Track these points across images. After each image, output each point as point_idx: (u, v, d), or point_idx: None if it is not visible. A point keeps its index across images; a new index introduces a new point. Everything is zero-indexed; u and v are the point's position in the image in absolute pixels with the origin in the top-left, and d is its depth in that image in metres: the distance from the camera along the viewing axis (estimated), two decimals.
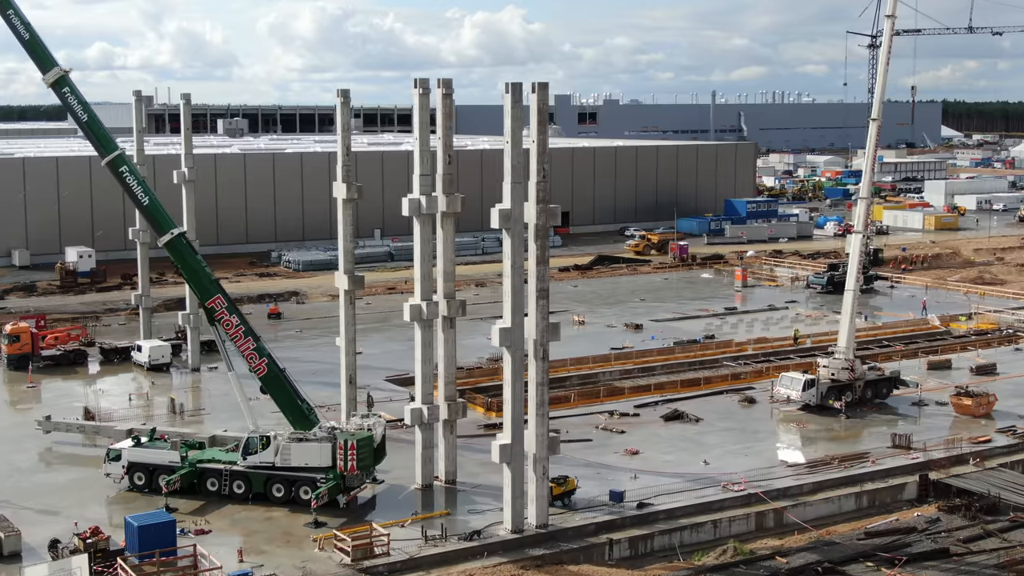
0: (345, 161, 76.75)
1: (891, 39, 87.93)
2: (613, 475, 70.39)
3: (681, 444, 77.32)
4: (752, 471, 70.93)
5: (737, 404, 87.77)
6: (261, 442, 65.63)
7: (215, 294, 67.11)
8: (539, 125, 59.13)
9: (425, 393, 68.48)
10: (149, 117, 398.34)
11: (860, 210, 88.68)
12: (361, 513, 65.14)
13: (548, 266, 60.53)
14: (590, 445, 77.07)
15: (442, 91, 66.65)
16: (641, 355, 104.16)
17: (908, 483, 70.95)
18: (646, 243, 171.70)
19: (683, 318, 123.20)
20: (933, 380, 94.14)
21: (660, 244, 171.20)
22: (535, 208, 59.58)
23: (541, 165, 59.56)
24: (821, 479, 69.93)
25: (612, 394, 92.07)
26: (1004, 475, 72.05)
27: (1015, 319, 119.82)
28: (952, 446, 74.82)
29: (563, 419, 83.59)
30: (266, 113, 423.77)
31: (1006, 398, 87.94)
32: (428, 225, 68.51)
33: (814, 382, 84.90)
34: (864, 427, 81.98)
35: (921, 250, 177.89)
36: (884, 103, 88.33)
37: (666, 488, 67.58)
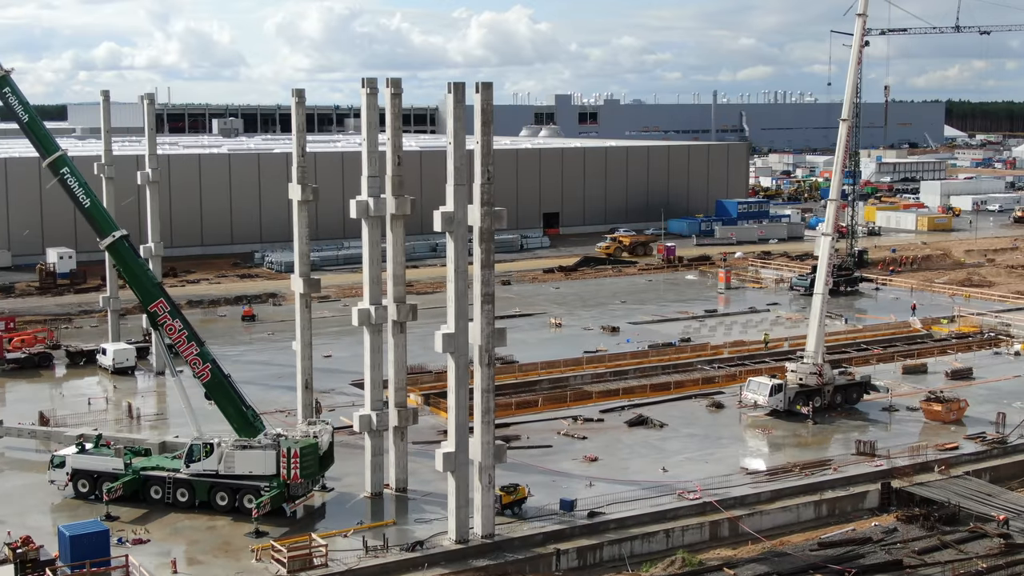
0: (300, 163, 75.57)
1: (862, 39, 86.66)
2: (568, 483, 69.03)
3: (642, 450, 75.90)
4: (711, 479, 69.52)
5: (705, 409, 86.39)
6: (204, 449, 64.35)
7: (157, 298, 65.85)
8: (483, 126, 57.95)
9: (374, 399, 67.11)
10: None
11: (829, 212, 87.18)
12: (307, 522, 63.84)
13: (493, 270, 59.14)
14: (549, 451, 75.71)
15: (391, 91, 65.45)
16: (613, 359, 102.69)
17: (870, 491, 69.50)
18: (617, 245, 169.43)
19: (662, 321, 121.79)
20: (907, 385, 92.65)
21: (632, 246, 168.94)
22: (479, 211, 58.18)
23: (486, 167, 58.26)
24: (780, 487, 68.47)
25: (580, 398, 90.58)
26: (969, 483, 70.58)
27: (998, 322, 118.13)
28: (917, 453, 73.33)
29: (526, 424, 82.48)
30: (265, 113, 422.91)
31: (979, 403, 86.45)
32: (377, 228, 67.25)
33: (781, 387, 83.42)
34: (832, 433, 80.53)
35: (911, 251, 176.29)
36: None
37: (620, 496, 66.20)
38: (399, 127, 65.59)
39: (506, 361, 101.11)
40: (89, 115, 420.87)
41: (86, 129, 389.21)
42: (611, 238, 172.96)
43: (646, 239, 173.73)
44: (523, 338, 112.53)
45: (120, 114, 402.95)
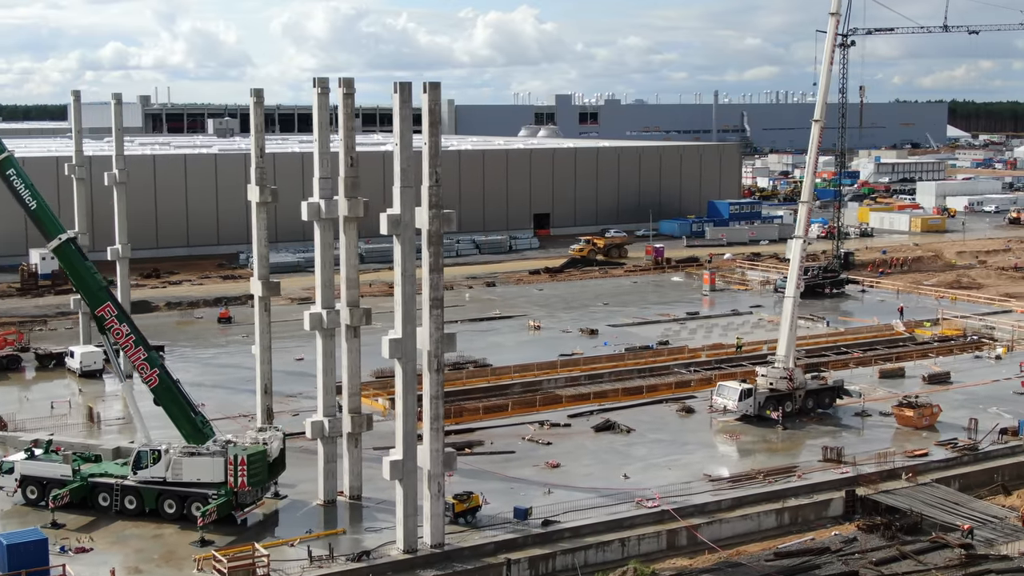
0: (259, 163, 74.36)
1: (834, 38, 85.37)
2: (527, 490, 67.82)
3: (605, 456, 74.63)
4: (672, 486, 68.26)
5: (675, 414, 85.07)
6: (152, 456, 63.15)
7: (105, 301, 64.68)
8: (430, 127, 56.74)
9: (327, 405, 65.95)
10: (146, 117, 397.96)
11: (800, 215, 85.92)
12: (257, 531, 62.63)
13: (442, 274, 57.91)
14: (512, 457, 74.49)
15: (343, 91, 64.25)
16: (588, 362, 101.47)
17: (834, 499, 68.12)
18: (591, 248, 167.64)
19: (642, 323, 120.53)
20: (883, 389, 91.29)
21: (606, 248, 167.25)
22: (427, 213, 56.97)
23: (434, 169, 57.08)
24: (741, 495, 67.15)
25: (550, 403, 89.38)
26: (937, 491, 69.26)
27: (982, 325, 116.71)
28: (884, 460, 71.94)
29: (492, 429, 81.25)
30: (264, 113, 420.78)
31: (955, 408, 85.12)
32: (329, 230, 66.10)
33: (751, 392, 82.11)
34: (801, 439, 79.19)
35: (902, 253, 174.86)
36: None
37: (577, 504, 64.89)
38: (352, 128, 64.27)
39: (479, 364, 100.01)
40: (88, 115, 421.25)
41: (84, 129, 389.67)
42: (585, 240, 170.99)
43: (620, 241, 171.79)
44: (500, 341, 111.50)
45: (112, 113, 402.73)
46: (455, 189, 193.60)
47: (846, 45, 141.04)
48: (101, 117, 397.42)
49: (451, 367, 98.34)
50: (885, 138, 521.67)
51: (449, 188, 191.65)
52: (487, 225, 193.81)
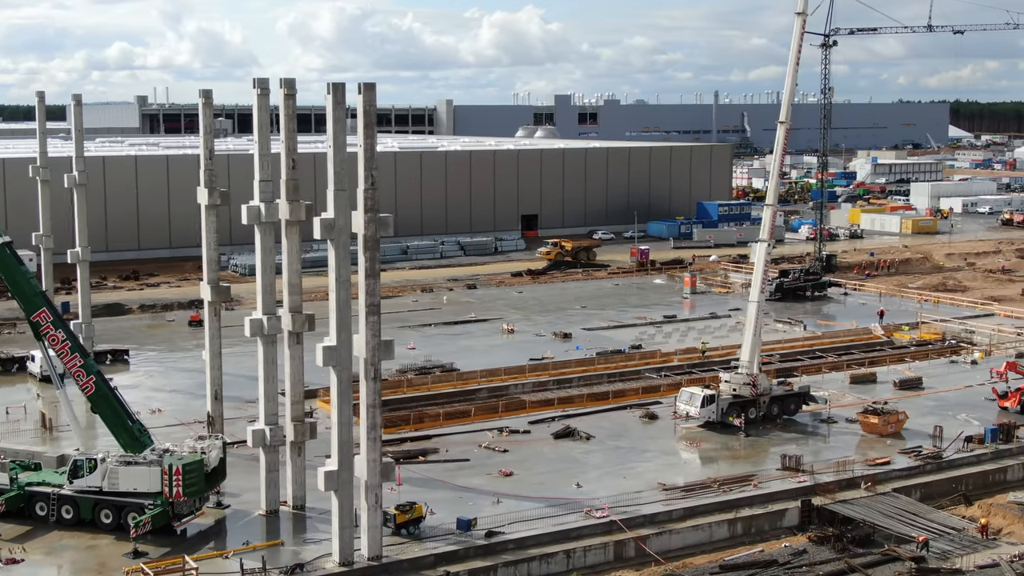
0: (207, 165, 73.23)
1: (800, 38, 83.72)
2: (476, 499, 66.44)
3: (561, 464, 73.19)
4: (625, 495, 66.82)
5: (638, 420, 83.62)
6: (88, 465, 61.83)
7: (40, 307, 63.38)
8: (365, 128, 55.29)
9: (268, 413, 64.59)
10: (143, 117, 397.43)
11: (766, 218, 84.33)
12: (196, 542, 61.31)
13: (378, 279, 56.55)
14: (466, 466, 73.09)
15: (284, 91, 62.96)
16: (557, 366, 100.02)
17: (789, 509, 66.62)
18: (559, 251, 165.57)
19: (618, 326, 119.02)
20: (852, 395, 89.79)
21: (574, 251, 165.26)
22: (363, 217, 55.60)
23: (369, 171, 55.72)
24: (693, 504, 65.69)
25: (514, 408, 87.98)
26: (896, 501, 67.80)
27: (962, 329, 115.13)
28: (843, 469, 70.42)
29: (450, 436, 79.82)
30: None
31: (924, 415, 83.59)
32: (269, 234, 64.76)
33: (713, 398, 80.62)
34: (764, 446, 77.72)
35: (891, 255, 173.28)
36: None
37: (524, 514, 63.47)
38: (293, 130, 63.01)
39: (447, 368, 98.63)
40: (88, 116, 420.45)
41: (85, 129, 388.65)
42: (552, 243, 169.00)
43: (589, 244, 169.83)
44: (472, 344, 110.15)
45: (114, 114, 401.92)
46: (442, 191, 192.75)
47: (828, 45, 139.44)
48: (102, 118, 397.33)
49: (417, 371, 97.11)
50: (886, 138, 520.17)
51: (435, 190, 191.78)
52: (474, 226, 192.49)
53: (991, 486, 72.92)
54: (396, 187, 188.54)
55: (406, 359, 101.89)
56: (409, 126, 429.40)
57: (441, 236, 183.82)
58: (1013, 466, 74.43)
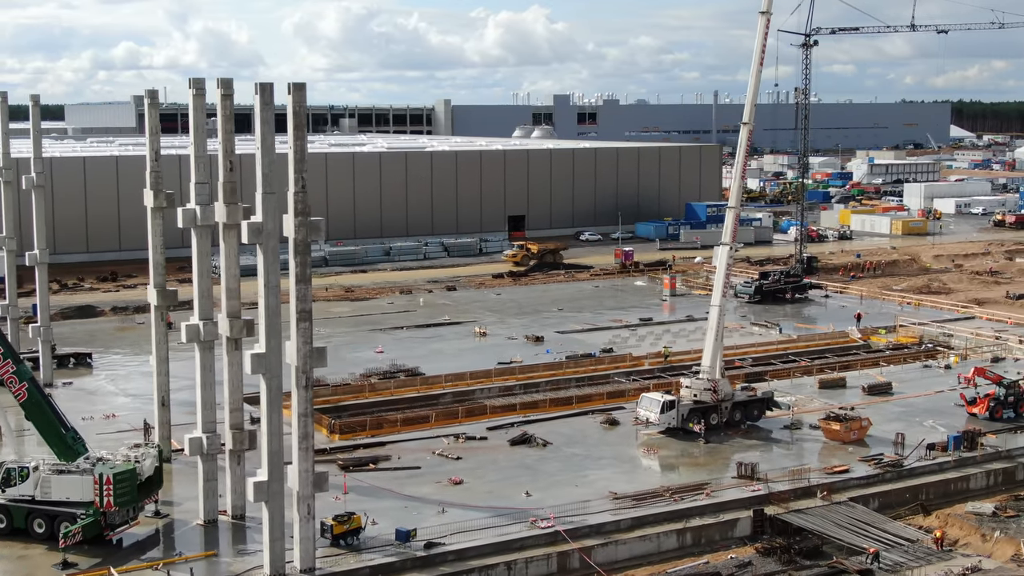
0: (154, 167, 71.96)
1: (764, 38, 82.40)
2: (420, 509, 64.98)
3: (513, 472, 71.72)
4: (574, 504, 65.32)
5: (599, 426, 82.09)
6: (20, 473, 60.49)
7: None
8: (295, 130, 53.86)
9: (206, 421, 63.22)
10: (139, 117, 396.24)
11: (728, 221, 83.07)
12: (130, 552, 59.86)
13: (310, 285, 55.11)
14: (416, 474, 71.59)
15: (221, 91, 61.52)
16: (524, 371, 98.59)
17: (741, 519, 65.11)
18: (524, 253, 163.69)
19: (592, 329, 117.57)
20: (820, 400, 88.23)
21: (540, 254, 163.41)
22: (293, 221, 54.16)
23: (299, 174, 54.26)
24: (642, 514, 64.18)
25: (474, 414, 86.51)
26: (852, 511, 66.27)
27: (940, 332, 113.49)
28: (798, 477, 68.87)
29: (406, 443, 78.38)
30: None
31: (890, 421, 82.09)
32: (206, 238, 63.36)
33: (674, 404, 79.12)
34: (723, 453, 76.12)
35: (878, 256, 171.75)
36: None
37: (468, 524, 62.06)
38: (230, 130, 61.55)
39: (412, 373, 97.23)
40: (85, 115, 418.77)
41: (77, 130, 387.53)
42: (518, 246, 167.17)
43: (555, 247, 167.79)
44: (441, 348, 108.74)
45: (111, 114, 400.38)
46: (427, 192, 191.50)
47: (808, 45, 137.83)
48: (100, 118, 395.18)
49: (381, 376, 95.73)
50: (887, 138, 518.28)
51: (421, 190, 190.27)
52: (460, 227, 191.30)
53: (953, 495, 71.37)
54: (381, 188, 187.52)
55: (372, 363, 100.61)
56: (407, 126, 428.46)
57: (426, 237, 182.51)
58: (976, 474, 72.89)
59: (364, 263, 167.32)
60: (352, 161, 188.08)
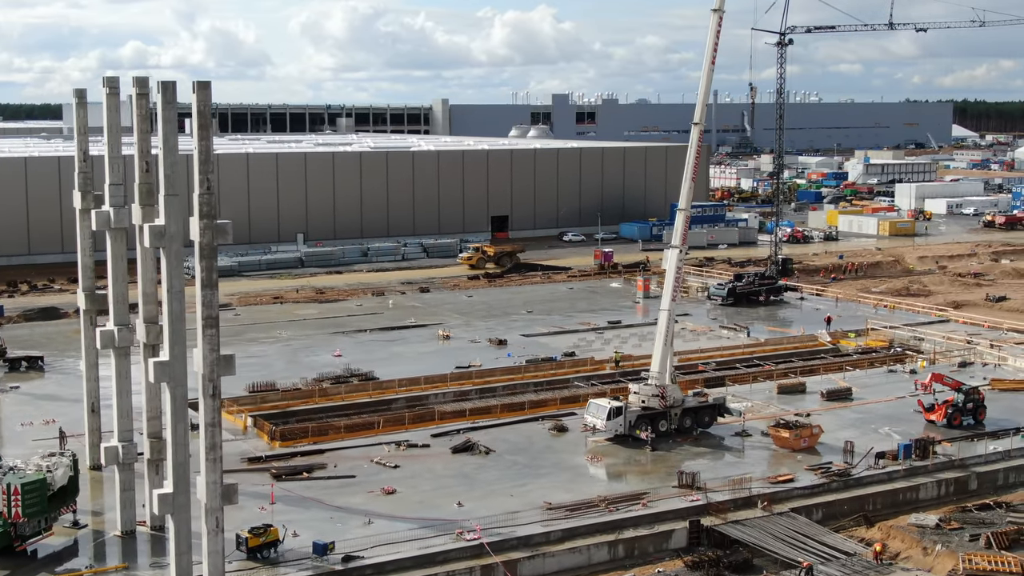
0: (82, 168, 70.12)
1: (716, 36, 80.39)
2: (348, 520, 63.24)
3: (450, 481, 69.86)
4: (503, 515, 63.42)
5: (547, 433, 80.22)
6: None
7: None
8: (200, 130, 51.96)
9: (123, 429, 61.46)
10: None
11: (678, 223, 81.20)
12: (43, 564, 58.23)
13: (216, 290, 53.13)
14: (350, 483, 69.78)
15: (136, 91, 59.71)
16: (483, 375, 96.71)
17: (677, 530, 63.20)
18: (480, 256, 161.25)
19: (559, 332, 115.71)
20: (777, 406, 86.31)
21: (497, 256, 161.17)
22: (199, 224, 52.27)
23: (205, 175, 52.27)
24: (574, 525, 62.32)
25: (423, 420, 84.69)
26: (792, 522, 64.39)
27: (911, 336, 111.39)
28: (740, 486, 66.94)
29: (346, 450, 76.62)
30: (256, 113, 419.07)
31: (845, 428, 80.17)
32: (121, 241, 61.51)
33: (621, 410, 77.19)
34: (669, 461, 74.13)
35: (862, 257, 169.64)
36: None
37: (392, 536, 60.24)
38: (146, 130, 59.69)
39: (365, 377, 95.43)
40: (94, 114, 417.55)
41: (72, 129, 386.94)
42: (474, 248, 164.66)
43: (512, 249, 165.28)
44: (402, 351, 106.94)
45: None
46: (408, 192, 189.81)
47: (783, 44, 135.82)
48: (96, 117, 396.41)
49: (333, 380, 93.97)
50: (889, 138, 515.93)
51: (402, 191, 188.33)
52: (442, 228, 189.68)
53: (902, 505, 69.43)
54: (362, 188, 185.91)
55: (329, 367, 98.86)
56: (405, 126, 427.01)
57: (406, 238, 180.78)
58: (927, 484, 70.92)
59: (340, 264, 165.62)
60: (332, 161, 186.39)
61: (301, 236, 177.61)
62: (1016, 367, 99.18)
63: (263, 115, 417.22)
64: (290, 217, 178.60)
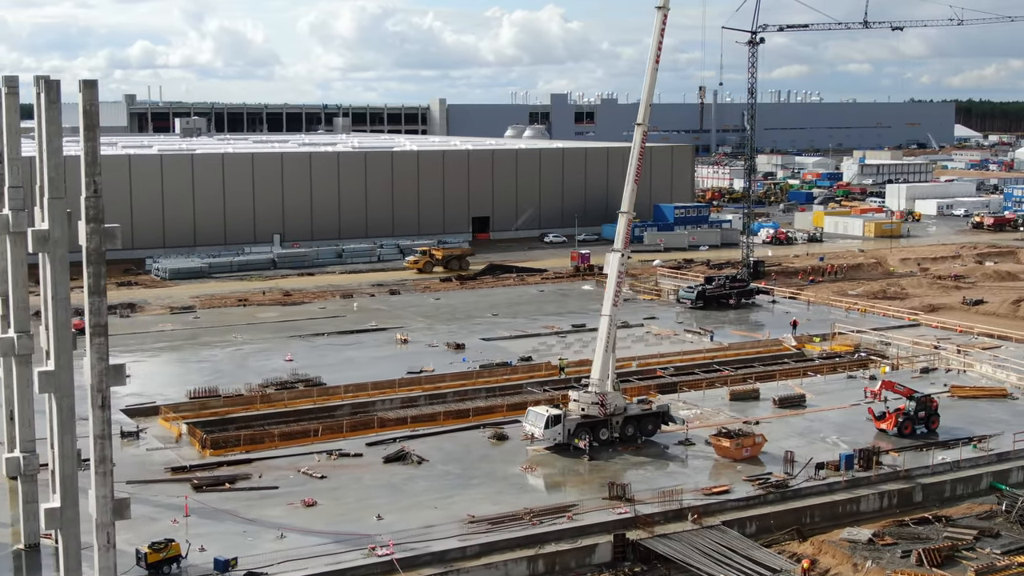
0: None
1: (661, 34, 78.11)
2: (261, 534, 61.14)
3: (375, 493, 67.75)
4: (424, 528, 61.35)
5: (487, 441, 78.10)
6: None
7: None
8: (87, 131, 49.93)
9: (24, 439, 59.46)
10: (132, 116, 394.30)
11: (620, 226, 79.00)
12: None
13: (105, 297, 51.16)
14: (272, 494, 67.66)
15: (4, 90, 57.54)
16: (433, 380, 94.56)
17: (601, 544, 61.01)
18: (428, 259, 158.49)
19: (520, 336, 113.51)
20: (727, 413, 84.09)
21: (445, 260, 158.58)
22: (86, 229, 50.27)
23: (91, 178, 50.29)
24: (494, 539, 60.16)
25: (362, 427, 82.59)
26: (722, 536, 62.17)
27: (878, 340, 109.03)
28: (670, 498, 64.73)
29: (274, 460, 74.48)
30: (252, 113, 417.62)
31: (792, 436, 77.99)
32: (21, 245, 59.42)
33: (559, 418, 75.02)
34: (607, 471, 71.79)
35: (843, 259, 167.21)
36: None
37: (304, 552, 58.14)
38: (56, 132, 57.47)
39: (311, 383, 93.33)
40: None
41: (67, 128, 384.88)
42: (421, 251, 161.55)
43: (461, 252, 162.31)
44: (355, 356, 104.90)
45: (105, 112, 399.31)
46: (388, 192, 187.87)
47: (755, 43, 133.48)
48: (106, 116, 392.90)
49: (278, 386, 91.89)
50: (891, 138, 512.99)
51: (381, 191, 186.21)
52: (422, 229, 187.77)
53: (841, 518, 67.16)
54: (339, 188, 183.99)
55: (277, 372, 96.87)
56: (402, 125, 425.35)
57: (384, 239, 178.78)
58: (868, 496, 68.64)
59: (314, 266, 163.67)
60: (309, 161, 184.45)
61: (278, 237, 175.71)
62: (981, 373, 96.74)
63: (259, 115, 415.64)
64: (266, 218, 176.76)
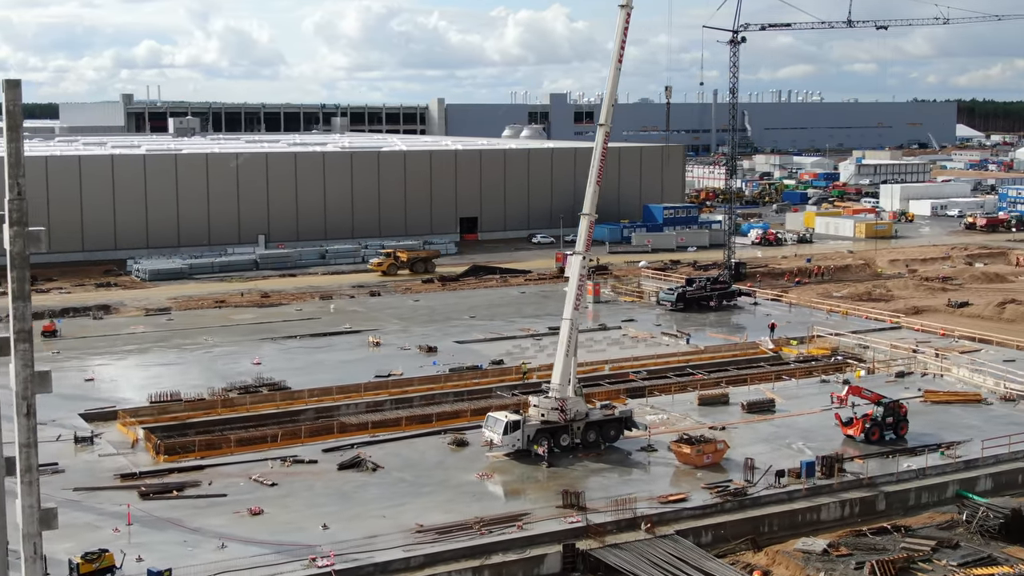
0: None
1: (624, 32, 76.73)
2: (202, 543, 59.80)
3: (325, 501, 66.39)
4: (369, 538, 59.97)
5: (446, 447, 76.74)
6: None
7: None
8: (10, 132, 48.53)
9: None
10: (129, 115, 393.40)
11: (582, 228, 77.57)
12: None
13: (29, 301, 49.67)
14: (219, 502, 66.30)
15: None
16: (401, 384, 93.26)
17: (550, 554, 59.62)
18: (392, 262, 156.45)
19: (494, 339, 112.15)
20: (693, 418, 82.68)
21: (410, 262, 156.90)
22: (9, 232, 48.90)
23: (15, 180, 48.88)
24: (440, 550, 58.80)
25: (321, 432, 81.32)
26: (674, 546, 60.74)
27: (856, 343, 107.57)
28: (623, 507, 63.32)
29: (227, 466, 73.12)
30: (250, 112, 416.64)
31: (758, 443, 76.58)
32: None
33: (518, 424, 73.64)
34: (565, 479, 70.41)
35: (831, 260, 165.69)
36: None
37: (243, 563, 56.81)
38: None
39: (276, 387, 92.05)
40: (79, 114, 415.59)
41: (64, 128, 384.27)
42: (385, 254, 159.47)
43: (427, 255, 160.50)
44: (325, 359, 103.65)
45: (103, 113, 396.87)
46: (374, 192, 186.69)
47: (736, 42, 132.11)
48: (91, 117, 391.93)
49: (241, 390, 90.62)
50: (892, 138, 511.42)
51: (368, 191, 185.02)
52: (409, 229, 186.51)
53: (801, 527, 65.70)
54: (325, 189, 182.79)
55: (244, 375, 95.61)
56: (400, 125, 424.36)
57: (370, 240, 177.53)
58: (829, 504, 67.13)
59: (296, 267, 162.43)
60: (294, 162, 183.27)
61: (262, 238, 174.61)
62: (958, 377, 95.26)
63: (257, 115, 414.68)
64: (251, 219, 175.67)
